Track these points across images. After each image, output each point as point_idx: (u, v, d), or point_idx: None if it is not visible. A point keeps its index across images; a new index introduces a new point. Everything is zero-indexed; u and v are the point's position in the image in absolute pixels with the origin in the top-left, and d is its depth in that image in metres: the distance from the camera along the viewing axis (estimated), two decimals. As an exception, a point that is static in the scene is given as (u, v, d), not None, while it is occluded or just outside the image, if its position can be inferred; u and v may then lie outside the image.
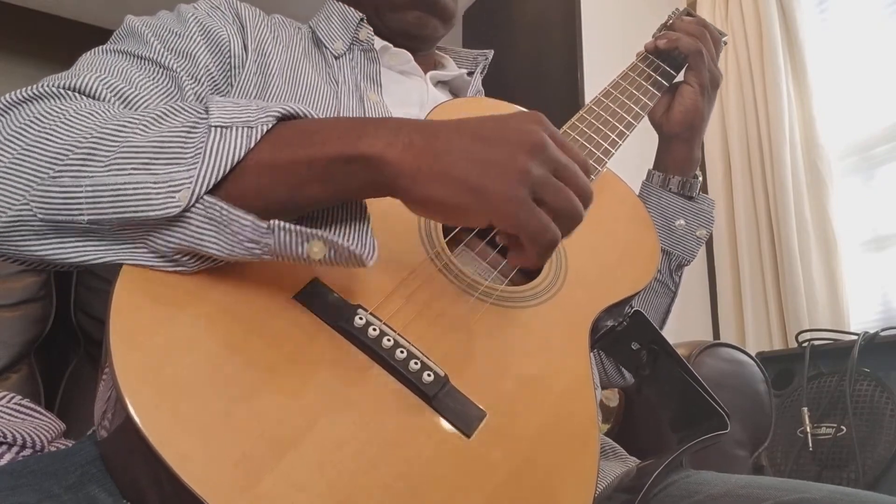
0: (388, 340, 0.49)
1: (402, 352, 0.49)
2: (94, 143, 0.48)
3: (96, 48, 0.65)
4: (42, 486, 0.45)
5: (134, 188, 0.46)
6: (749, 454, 1.17)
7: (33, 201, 0.47)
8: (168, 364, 0.44)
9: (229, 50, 0.68)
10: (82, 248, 0.49)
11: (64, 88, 0.55)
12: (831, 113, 1.90)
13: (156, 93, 0.62)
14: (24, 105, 0.52)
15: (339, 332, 0.49)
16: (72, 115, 0.50)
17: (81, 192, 0.47)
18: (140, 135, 0.48)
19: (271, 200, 0.48)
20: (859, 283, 1.78)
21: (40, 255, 0.50)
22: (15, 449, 0.72)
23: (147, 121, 0.49)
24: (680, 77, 0.85)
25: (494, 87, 0.94)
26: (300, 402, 0.45)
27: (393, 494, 0.43)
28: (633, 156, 0.89)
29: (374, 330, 0.49)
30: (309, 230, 0.45)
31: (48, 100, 0.53)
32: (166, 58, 0.64)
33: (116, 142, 0.48)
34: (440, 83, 0.85)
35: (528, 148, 0.47)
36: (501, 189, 0.45)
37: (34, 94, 0.54)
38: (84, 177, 0.47)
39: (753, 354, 1.26)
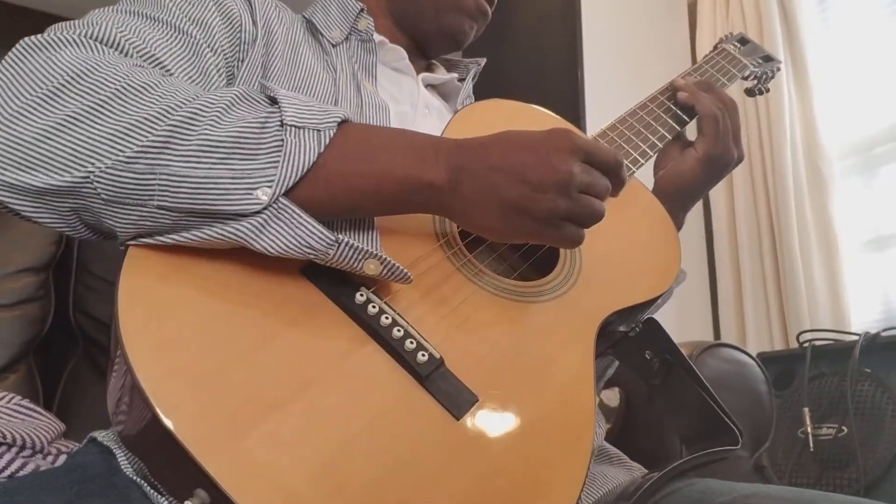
0: (387, 318, 0.50)
1: (399, 330, 0.50)
2: (169, 131, 0.47)
3: (105, 7, 0.60)
4: (39, 499, 0.45)
5: (214, 182, 0.46)
6: (750, 455, 1.16)
7: (99, 181, 0.46)
8: (169, 320, 0.45)
9: (240, 24, 0.66)
10: (137, 221, 0.48)
11: (86, 37, 0.52)
12: (832, 113, 1.89)
13: (174, 57, 0.59)
14: (50, 50, 0.50)
15: (340, 307, 0.50)
16: (126, 83, 0.49)
17: (155, 180, 0.46)
18: (215, 127, 0.48)
19: (332, 207, 0.50)
20: (860, 283, 1.78)
21: (79, 225, 0.50)
22: (14, 449, 0.72)
23: (218, 109, 0.49)
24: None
25: (494, 86, 0.94)
26: (293, 369, 0.46)
27: (377, 466, 0.44)
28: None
29: (374, 307, 0.50)
30: (369, 249, 0.49)
31: (76, 48, 0.51)
32: (183, 22, 0.61)
33: (192, 132, 0.47)
34: (430, 86, 0.84)
35: (558, 185, 0.52)
36: (534, 226, 0.54)
37: (55, 39, 0.51)
38: (160, 165, 0.46)
39: (754, 355, 1.26)
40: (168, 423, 0.40)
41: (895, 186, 1.78)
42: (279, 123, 0.49)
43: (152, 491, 0.46)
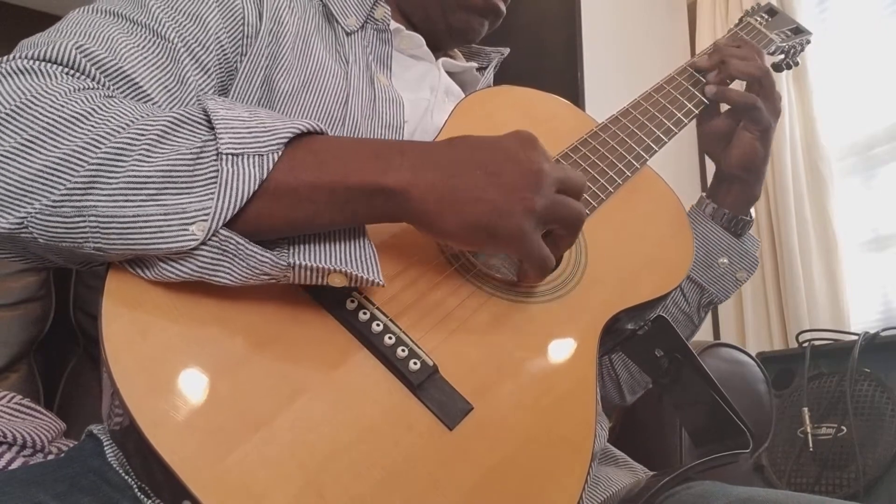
0: (378, 325, 0.49)
1: (390, 338, 0.48)
2: (95, 169, 0.45)
3: (84, 7, 0.58)
4: (28, 493, 0.45)
5: (145, 220, 0.44)
6: (749, 454, 1.17)
7: (32, 226, 0.45)
8: (153, 332, 0.44)
9: (243, 17, 0.63)
10: (86, 259, 0.49)
11: (40, 60, 0.50)
12: (831, 113, 1.90)
13: (144, 65, 0.55)
14: None
15: (331, 313, 0.49)
16: (59, 114, 0.46)
17: (85, 223, 0.45)
18: (144, 162, 0.45)
19: (285, 224, 0.47)
20: (860, 283, 1.78)
21: (44, 258, 0.50)
22: (15, 449, 0.72)
23: (148, 141, 0.46)
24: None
25: (493, 86, 0.94)
26: (281, 380, 0.45)
27: (365, 481, 0.43)
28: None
29: (365, 314, 0.49)
30: (328, 266, 0.47)
31: (22, 77, 0.48)
32: (165, 25, 0.58)
33: (118, 170, 0.45)
34: (449, 73, 0.82)
35: (532, 182, 0.50)
36: (510, 228, 0.50)
37: (4, 70, 0.49)
38: (87, 208, 0.44)
39: (754, 354, 1.26)
40: (152, 440, 0.40)
41: (894, 186, 1.78)
42: (215, 153, 0.46)
43: (143, 496, 0.46)
